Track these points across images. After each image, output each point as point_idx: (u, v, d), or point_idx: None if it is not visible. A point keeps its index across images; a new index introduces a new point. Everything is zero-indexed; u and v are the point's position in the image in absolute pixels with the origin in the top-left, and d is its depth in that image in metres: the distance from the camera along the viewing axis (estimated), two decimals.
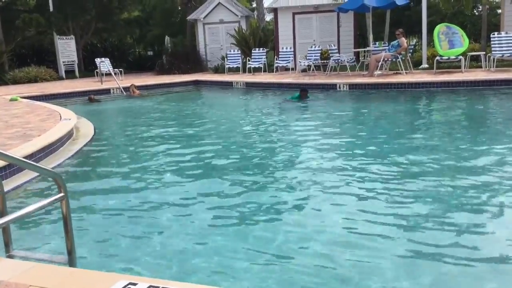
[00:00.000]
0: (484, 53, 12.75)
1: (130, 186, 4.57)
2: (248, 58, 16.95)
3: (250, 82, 14.23)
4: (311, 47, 15.83)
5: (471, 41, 14.00)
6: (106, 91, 14.08)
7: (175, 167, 5.21)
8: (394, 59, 12.82)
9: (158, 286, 1.67)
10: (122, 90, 13.90)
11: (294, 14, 17.67)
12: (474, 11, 19.53)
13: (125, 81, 15.54)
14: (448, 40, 12.41)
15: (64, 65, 20.24)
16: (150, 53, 27.70)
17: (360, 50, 15.90)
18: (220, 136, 7.17)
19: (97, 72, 16.89)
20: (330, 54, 15.14)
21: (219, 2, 19.60)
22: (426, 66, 13.87)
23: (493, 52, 12.31)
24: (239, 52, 17.88)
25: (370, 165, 4.87)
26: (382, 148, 5.67)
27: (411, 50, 14.16)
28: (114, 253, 3.11)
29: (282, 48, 17.06)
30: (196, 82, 15.89)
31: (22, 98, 11.77)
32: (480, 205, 3.64)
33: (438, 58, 12.36)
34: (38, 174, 4.40)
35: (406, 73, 12.70)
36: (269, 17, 23.22)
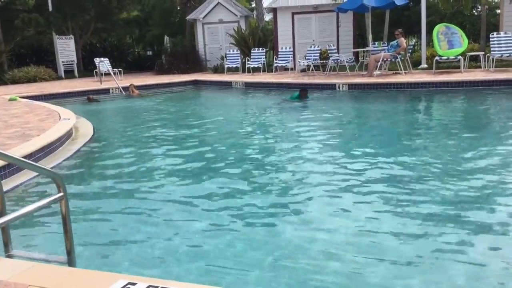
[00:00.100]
0: (483, 53, 12.76)
1: (129, 186, 4.57)
2: (247, 58, 16.95)
3: (249, 82, 14.23)
4: (311, 47, 15.84)
5: (470, 41, 14.02)
6: (105, 91, 14.08)
7: (174, 167, 5.21)
8: (393, 59, 12.83)
9: (157, 286, 1.67)
10: (122, 90, 13.90)
11: (293, 14, 17.67)
12: (473, 11, 19.55)
13: (124, 81, 15.54)
14: (447, 40, 12.42)
15: (63, 65, 20.24)
16: (149, 53, 27.71)
17: (359, 50, 15.90)
18: (219, 136, 7.17)
19: (96, 72, 16.88)
20: (330, 54, 15.15)
21: (218, 2, 19.59)
22: (425, 66, 13.88)
23: (492, 52, 12.32)
24: (239, 52, 17.88)
25: (370, 165, 4.87)
26: (381, 148, 5.67)
27: (410, 50, 14.16)
28: (113, 253, 3.11)
29: (282, 48, 17.06)
30: (195, 82, 15.89)
31: (21, 98, 11.76)
32: (479, 205, 3.64)
33: (437, 58, 12.37)
34: (37, 174, 4.40)
35: (405, 73, 12.70)
36: (268, 17, 23.21)
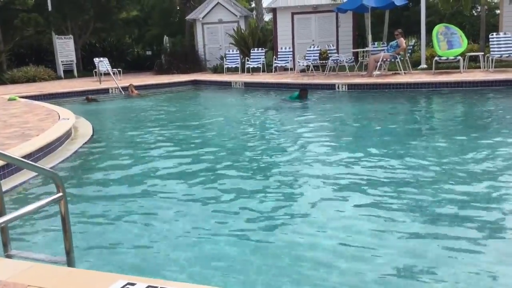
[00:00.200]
0: (482, 53, 12.78)
1: (128, 186, 4.57)
2: (247, 58, 16.96)
3: (248, 82, 14.23)
4: (310, 47, 15.84)
5: (470, 41, 14.04)
6: (105, 91, 14.09)
7: (173, 167, 5.20)
8: (393, 60, 12.83)
9: (156, 286, 1.66)
10: (121, 90, 13.89)
11: (293, 14, 17.67)
12: (473, 12, 19.57)
13: (123, 80, 15.53)
14: (446, 40, 12.42)
15: (62, 64, 20.24)
16: (149, 52, 27.73)
17: (359, 50, 15.91)
18: (218, 136, 7.17)
19: (95, 71, 16.88)
20: (329, 54, 15.16)
21: (218, 2, 19.60)
22: (425, 66, 13.89)
23: (491, 52, 12.33)
24: (238, 52, 17.88)
25: (370, 165, 4.87)
26: (380, 148, 5.66)
27: (410, 51, 14.18)
28: (112, 253, 3.10)
29: (281, 48, 17.07)
30: (194, 82, 15.89)
31: (20, 97, 11.75)
32: (479, 205, 3.64)
33: (436, 58, 12.37)
34: (36, 174, 4.39)
35: (404, 73, 12.71)
36: (268, 17, 23.22)
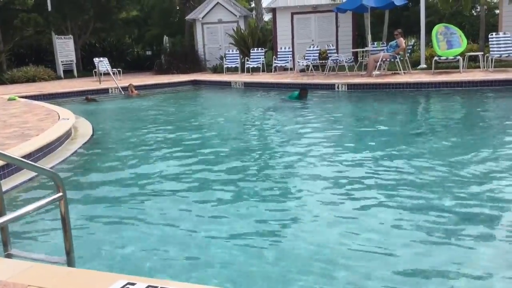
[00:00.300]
0: (482, 53, 12.78)
1: (128, 186, 4.57)
2: (246, 58, 16.96)
3: (248, 82, 14.23)
4: (310, 47, 15.85)
5: (469, 41, 14.03)
6: (105, 91, 14.08)
7: (173, 168, 5.20)
8: (392, 59, 12.83)
9: (156, 286, 1.67)
10: (121, 90, 13.89)
11: (292, 14, 17.67)
12: (473, 12, 19.57)
13: (123, 80, 15.53)
14: (446, 40, 12.42)
15: (62, 64, 20.24)
16: (149, 52, 27.73)
17: (358, 50, 15.91)
18: (218, 136, 7.17)
19: (95, 71, 16.88)
20: (329, 54, 15.16)
21: (218, 2, 19.59)
22: (425, 66, 13.90)
23: (491, 52, 12.34)
24: (238, 52, 17.88)
25: (370, 165, 4.88)
26: (381, 147, 5.66)
27: (410, 50, 14.17)
28: (112, 253, 3.10)
29: (281, 48, 17.07)
30: (194, 82, 15.89)
31: (20, 97, 11.75)
32: (478, 205, 3.65)
33: (436, 58, 12.38)
34: (36, 174, 4.39)
35: (404, 73, 12.71)
36: (267, 17, 23.21)
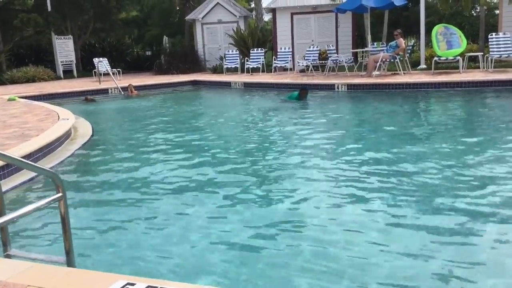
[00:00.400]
0: (482, 53, 12.78)
1: (127, 186, 4.57)
2: (246, 58, 16.96)
3: (248, 82, 14.23)
4: (310, 48, 15.85)
5: (469, 41, 14.03)
6: (104, 91, 14.09)
7: (173, 168, 5.21)
8: (392, 60, 12.84)
9: (156, 286, 1.67)
10: (120, 90, 13.89)
11: (292, 15, 17.67)
12: (472, 12, 19.57)
13: (123, 81, 15.53)
14: (446, 40, 12.43)
15: (62, 65, 20.23)
16: (148, 53, 27.69)
17: (358, 50, 15.91)
18: (217, 137, 7.16)
19: (95, 72, 16.88)
20: (329, 55, 15.16)
21: (218, 2, 19.59)
22: (424, 66, 13.90)
23: (491, 53, 12.34)
24: (238, 52, 17.88)
25: (370, 165, 4.88)
26: (381, 148, 5.67)
27: (409, 51, 14.18)
28: (112, 254, 3.10)
29: (281, 48, 17.07)
30: (194, 82, 15.89)
31: (20, 98, 11.75)
32: (478, 205, 3.65)
33: (436, 58, 12.38)
34: (36, 174, 4.39)
35: (404, 73, 12.71)
36: (267, 17, 23.22)
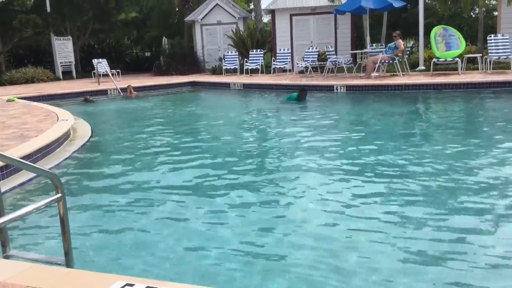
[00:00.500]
0: (480, 55, 12.80)
1: (126, 187, 4.57)
2: (245, 59, 16.96)
3: (247, 83, 14.24)
4: (309, 49, 15.86)
5: (468, 43, 14.04)
6: (104, 92, 14.07)
7: (172, 169, 5.21)
8: (391, 61, 12.85)
9: (155, 287, 1.67)
10: (120, 91, 13.89)
11: (291, 16, 17.68)
12: (471, 14, 19.59)
13: (122, 82, 15.53)
14: (445, 42, 12.45)
15: (61, 65, 20.21)
16: (148, 54, 27.68)
17: (357, 52, 15.93)
18: (217, 139, 7.16)
19: (94, 73, 16.87)
20: (328, 56, 15.17)
21: (217, 4, 19.60)
22: (423, 68, 13.91)
23: (489, 54, 12.36)
24: (237, 53, 17.89)
25: (369, 166, 4.89)
26: (380, 149, 5.67)
27: (408, 52, 14.20)
28: (111, 254, 3.10)
29: (280, 49, 17.07)
30: (193, 83, 15.89)
31: (19, 98, 11.74)
32: (478, 206, 3.65)
33: (435, 60, 12.40)
34: (35, 175, 4.39)
35: (403, 75, 12.73)
36: (266, 18, 23.23)
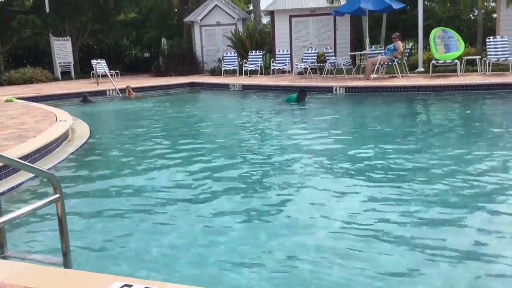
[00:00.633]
0: (479, 57, 12.81)
1: (125, 187, 4.56)
2: (244, 60, 16.97)
3: (246, 84, 14.24)
4: (308, 50, 15.86)
5: (467, 45, 14.06)
6: (102, 93, 14.06)
7: (171, 169, 5.21)
8: (390, 63, 12.86)
9: None
10: (118, 92, 13.87)
11: (290, 17, 17.69)
12: (470, 16, 19.63)
13: (121, 82, 15.52)
14: (444, 44, 12.47)
15: (60, 66, 20.19)
16: (147, 55, 27.67)
17: (356, 53, 15.93)
18: (215, 140, 7.17)
19: (93, 73, 16.86)
20: (327, 57, 15.17)
21: (216, 5, 19.61)
22: (422, 69, 13.93)
23: (488, 56, 12.38)
24: (236, 54, 17.89)
25: (369, 167, 4.88)
26: (379, 150, 5.67)
27: (407, 54, 14.22)
28: (109, 255, 3.10)
29: (279, 50, 17.07)
30: (192, 84, 15.88)
31: (17, 99, 11.72)
32: (477, 206, 3.65)
33: (434, 62, 12.42)
34: (33, 175, 4.38)
35: (402, 76, 12.74)
36: (266, 19, 23.22)
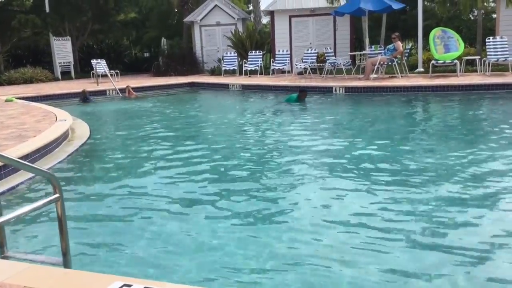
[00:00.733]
0: (479, 57, 12.82)
1: (125, 187, 4.56)
2: (244, 60, 16.97)
3: (246, 84, 14.25)
4: (308, 50, 15.86)
5: (467, 45, 14.06)
6: (102, 93, 14.06)
7: (170, 170, 5.21)
8: (390, 63, 12.87)
9: None
10: (118, 92, 13.88)
11: (290, 17, 17.70)
12: (470, 16, 19.63)
13: (121, 82, 15.52)
14: (443, 44, 12.47)
15: (60, 66, 20.18)
16: (147, 54, 27.68)
17: (356, 53, 15.92)
18: (215, 140, 7.17)
19: (93, 73, 16.86)
20: (326, 57, 15.17)
21: (216, 5, 19.61)
22: (422, 70, 13.94)
23: (488, 56, 12.39)
24: (236, 54, 17.89)
25: (368, 168, 4.89)
26: (379, 150, 5.68)
27: (407, 54, 14.22)
28: (109, 255, 3.10)
29: (279, 50, 17.07)
30: (192, 84, 15.89)
31: (17, 99, 11.73)
32: (477, 207, 3.66)
33: (433, 62, 12.42)
34: (33, 175, 4.39)
35: (401, 76, 12.75)
36: (265, 19, 23.23)
